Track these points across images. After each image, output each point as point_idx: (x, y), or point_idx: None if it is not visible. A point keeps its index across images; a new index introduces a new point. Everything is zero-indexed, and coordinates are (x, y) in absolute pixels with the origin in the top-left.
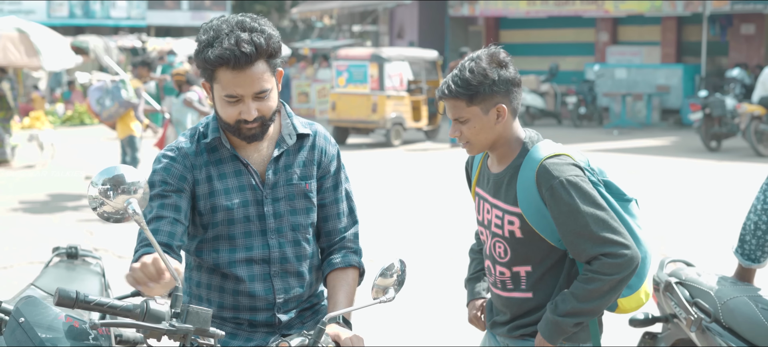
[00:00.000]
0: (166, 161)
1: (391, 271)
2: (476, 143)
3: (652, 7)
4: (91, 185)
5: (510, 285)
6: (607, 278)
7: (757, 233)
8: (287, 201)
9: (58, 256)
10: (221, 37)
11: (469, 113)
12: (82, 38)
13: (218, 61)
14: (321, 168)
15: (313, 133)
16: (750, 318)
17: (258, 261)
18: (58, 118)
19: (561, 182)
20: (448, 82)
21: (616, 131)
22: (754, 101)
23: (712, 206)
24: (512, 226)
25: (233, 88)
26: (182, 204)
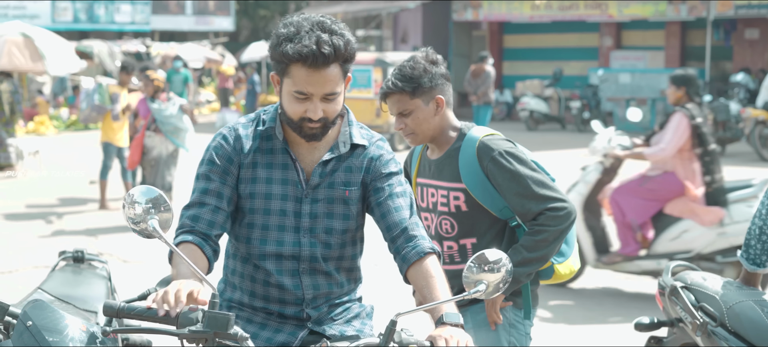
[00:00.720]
0: (218, 141)
1: (500, 265)
2: (420, 132)
3: (656, 12)
4: (127, 200)
5: (457, 258)
6: (551, 229)
7: (762, 237)
8: (326, 204)
9: (65, 260)
10: (301, 34)
11: (412, 105)
12: (86, 43)
13: (296, 57)
14: (371, 172)
15: (370, 144)
16: (755, 323)
17: (287, 257)
18: (62, 122)
19: (501, 153)
20: (391, 79)
21: None
22: (758, 106)
23: None
24: (458, 200)
25: (305, 85)
26: (225, 190)
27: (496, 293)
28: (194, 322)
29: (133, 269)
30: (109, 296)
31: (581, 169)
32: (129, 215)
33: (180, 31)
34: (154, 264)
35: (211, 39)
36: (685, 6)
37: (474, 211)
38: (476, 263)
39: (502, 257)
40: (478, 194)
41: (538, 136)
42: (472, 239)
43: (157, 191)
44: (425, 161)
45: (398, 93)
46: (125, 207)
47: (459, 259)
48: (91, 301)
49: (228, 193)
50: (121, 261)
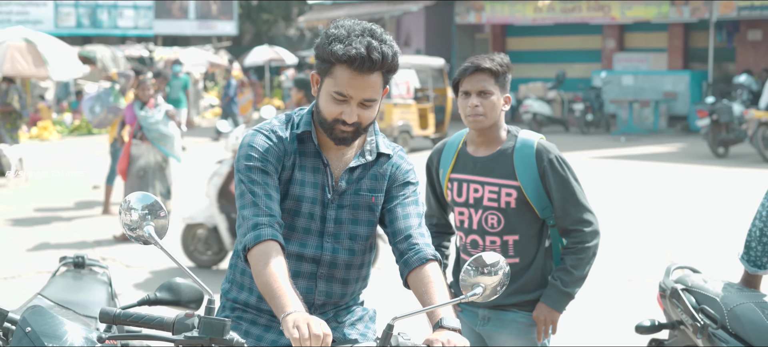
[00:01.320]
0: (264, 139)
1: (497, 268)
2: (489, 117)
3: (659, 14)
4: (123, 206)
5: (499, 253)
6: (589, 245)
7: (763, 239)
8: (351, 210)
9: (65, 265)
10: (352, 37)
11: (494, 89)
12: (89, 48)
13: (344, 58)
14: (391, 179)
15: (394, 154)
16: (756, 325)
17: (308, 260)
18: (65, 127)
19: (557, 157)
20: (482, 59)
21: (624, 138)
22: (761, 107)
23: (719, 212)
24: (509, 197)
25: (346, 87)
26: (277, 184)
27: (494, 296)
28: (190, 328)
29: (136, 274)
30: (109, 301)
31: (217, 162)
32: (125, 222)
33: (183, 35)
34: (156, 270)
35: (214, 43)
36: (688, 7)
37: (522, 208)
38: (474, 266)
39: (500, 260)
40: (530, 192)
41: None
42: (514, 236)
43: (154, 198)
44: (466, 158)
45: (487, 73)
46: (122, 213)
47: (501, 254)
48: (91, 307)
49: (279, 188)
50: (123, 266)
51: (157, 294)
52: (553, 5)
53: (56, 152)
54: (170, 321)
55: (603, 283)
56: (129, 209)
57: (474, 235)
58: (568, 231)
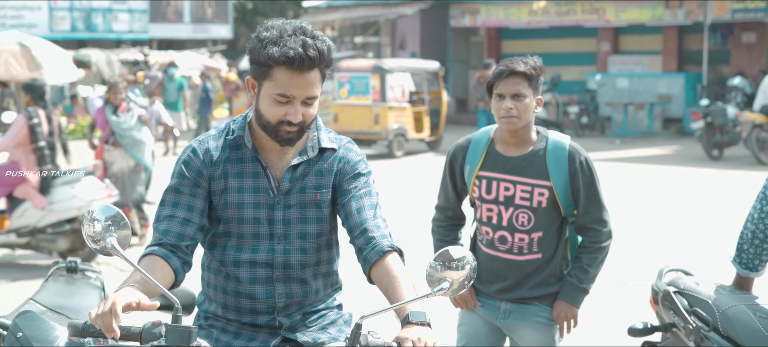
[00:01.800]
0: (188, 154)
1: (464, 262)
2: (523, 118)
3: (653, 17)
4: (85, 218)
5: (525, 250)
6: (604, 245)
7: (755, 242)
8: (298, 209)
9: (58, 270)
10: (285, 38)
11: (527, 92)
12: (84, 52)
13: (282, 60)
14: (340, 174)
15: (340, 147)
16: (748, 327)
17: (262, 264)
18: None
19: (587, 159)
20: (517, 63)
21: (619, 140)
22: (755, 110)
23: (714, 214)
24: (542, 197)
25: (288, 88)
26: (196, 202)
27: (462, 290)
28: (157, 337)
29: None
30: None
31: None
32: (88, 233)
33: (178, 39)
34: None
35: (209, 47)
36: (682, 10)
37: (550, 207)
38: (440, 260)
39: (466, 255)
40: (560, 192)
41: None
42: (539, 233)
43: (116, 209)
44: (496, 157)
45: (521, 76)
46: (84, 225)
47: (527, 250)
48: (84, 311)
49: (199, 205)
50: (117, 271)
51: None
52: (547, 8)
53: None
54: (138, 331)
55: (597, 285)
56: (92, 220)
57: (503, 231)
58: (586, 229)
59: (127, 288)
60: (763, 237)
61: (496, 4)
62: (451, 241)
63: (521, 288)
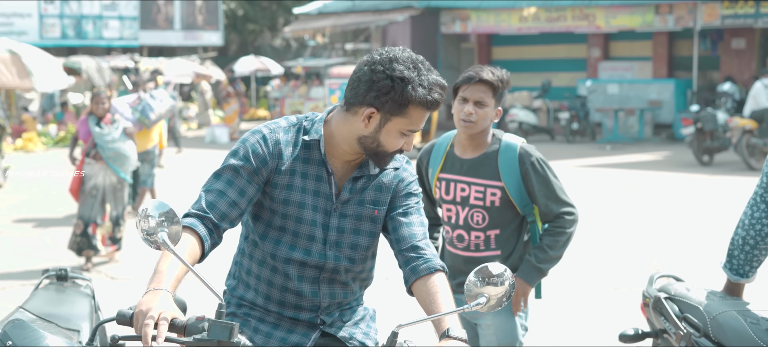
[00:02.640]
0: (257, 139)
1: (502, 279)
2: (480, 125)
3: (643, 23)
4: (141, 213)
5: (482, 246)
6: (567, 231)
7: (745, 248)
8: (354, 220)
9: (48, 278)
10: (429, 76)
11: (490, 100)
12: (74, 59)
13: (424, 102)
14: (394, 190)
15: (400, 167)
16: (739, 333)
17: (311, 266)
18: (50, 139)
19: (538, 159)
20: (485, 72)
21: (609, 146)
22: (745, 115)
23: (704, 220)
24: (494, 196)
25: (417, 124)
26: (249, 189)
27: (499, 306)
28: (200, 331)
29: (121, 286)
30: (92, 314)
31: None
32: (143, 228)
33: (169, 46)
34: (141, 282)
35: (200, 54)
36: (672, 16)
37: (504, 206)
38: (479, 276)
39: (505, 271)
40: (512, 192)
41: None
42: (496, 231)
43: (169, 206)
44: (454, 160)
45: (488, 85)
46: (140, 221)
47: (483, 247)
48: (74, 320)
49: (251, 193)
50: (108, 279)
51: (132, 309)
52: (538, 14)
53: (41, 164)
54: (182, 324)
55: (588, 291)
56: (147, 217)
57: (460, 230)
58: (551, 222)
59: (166, 301)
60: (753, 243)
61: (486, 10)
62: None
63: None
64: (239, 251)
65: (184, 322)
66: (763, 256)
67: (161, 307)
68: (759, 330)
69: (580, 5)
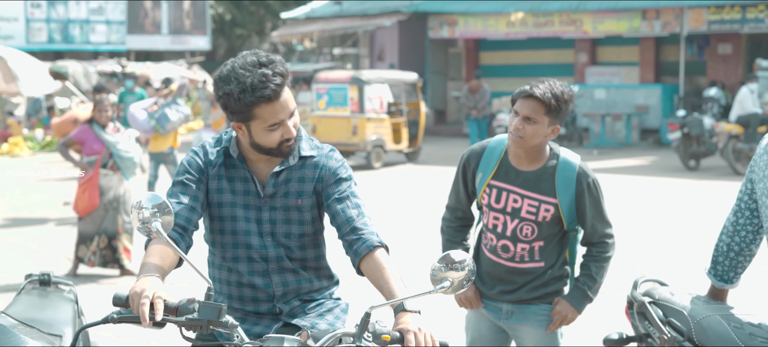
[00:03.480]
0: (192, 154)
1: (464, 265)
2: (529, 141)
3: (630, 28)
4: (134, 206)
5: (527, 258)
6: (609, 255)
7: (730, 254)
8: (283, 212)
9: (31, 283)
10: (247, 80)
11: (541, 118)
12: (61, 63)
13: (258, 101)
14: (322, 181)
15: (320, 155)
16: (722, 337)
17: (256, 259)
18: (37, 143)
19: (594, 180)
20: (541, 89)
21: (596, 151)
22: (731, 120)
23: (690, 225)
24: (547, 212)
25: (274, 117)
26: (199, 194)
27: (460, 289)
28: (191, 311)
29: (103, 291)
30: (75, 319)
31: None
32: (138, 218)
33: (156, 50)
34: (124, 287)
35: (188, 58)
36: (659, 22)
37: (553, 222)
38: (443, 262)
39: (466, 258)
40: (564, 209)
41: None
42: (540, 243)
43: (162, 199)
44: (509, 169)
45: (537, 101)
46: (134, 212)
47: (528, 258)
48: (56, 325)
49: (201, 197)
50: (92, 284)
51: (122, 312)
52: (525, 19)
53: (27, 168)
54: (174, 306)
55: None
56: (141, 208)
57: (506, 240)
58: (593, 244)
59: (158, 284)
60: (738, 250)
61: (474, 15)
62: (459, 243)
63: (522, 290)
64: (208, 263)
65: (176, 304)
66: (747, 262)
67: (155, 288)
68: (742, 335)
69: (568, 10)
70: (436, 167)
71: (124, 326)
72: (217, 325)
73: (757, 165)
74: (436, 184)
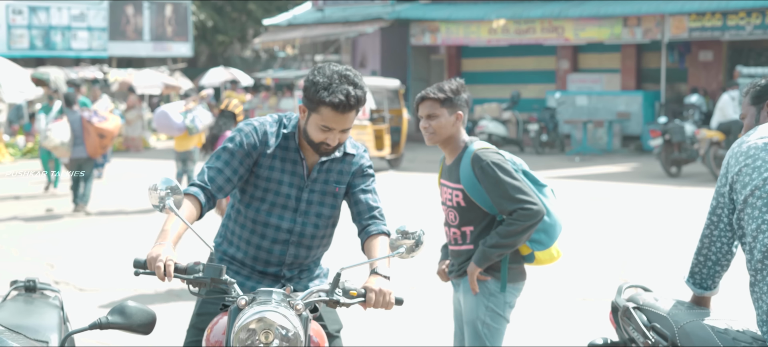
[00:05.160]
0: (250, 130)
1: (415, 236)
2: (439, 134)
3: (612, 35)
4: (150, 187)
5: (460, 241)
6: (520, 223)
7: (708, 263)
8: (320, 195)
9: (16, 290)
10: (334, 85)
11: (440, 111)
12: (42, 69)
13: (329, 104)
14: (353, 174)
15: (358, 154)
16: (706, 342)
17: (284, 230)
18: (18, 150)
19: (487, 163)
20: (427, 90)
21: (578, 158)
22: (712, 127)
23: (672, 231)
24: (458, 198)
25: (330, 123)
26: (241, 169)
27: (412, 253)
28: (198, 272)
29: (90, 297)
30: (61, 325)
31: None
32: (154, 196)
33: (138, 57)
34: (110, 293)
35: (169, 65)
36: (640, 29)
37: (469, 206)
38: (399, 233)
39: (417, 230)
40: (472, 193)
41: None
42: (470, 227)
43: (174, 181)
44: (444, 166)
45: (432, 100)
46: (150, 192)
47: (461, 241)
48: (42, 331)
49: (242, 172)
50: (76, 290)
51: (108, 318)
52: (507, 27)
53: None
54: (183, 267)
55: (557, 302)
56: (156, 189)
57: (447, 227)
58: (507, 217)
59: (170, 250)
60: (715, 260)
61: (456, 22)
62: (445, 250)
63: (461, 269)
64: (226, 216)
65: (185, 266)
66: (724, 270)
67: (167, 254)
68: (726, 340)
69: (549, 18)
70: (419, 173)
71: (110, 332)
72: (218, 282)
73: (742, 173)
74: (419, 190)
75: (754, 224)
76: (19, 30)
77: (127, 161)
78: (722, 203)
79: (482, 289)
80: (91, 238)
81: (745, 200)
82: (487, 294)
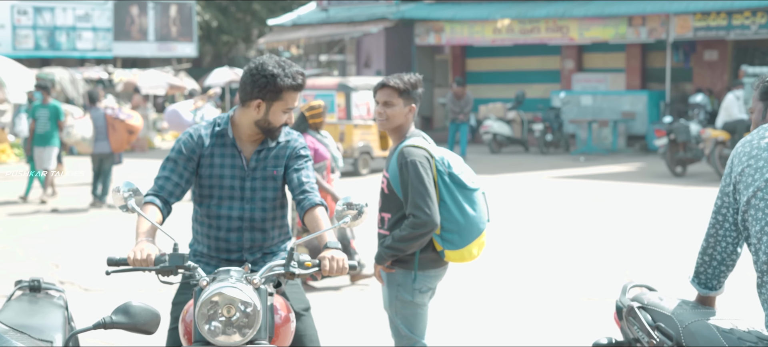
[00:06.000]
0: (186, 136)
1: (358, 207)
2: (391, 121)
3: (617, 35)
4: (114, 190)
5: (380, 225)
6: (409, 230)
7: (712, 263)
8: (261, 181)
9: (21, 289)
10: (286, 70)
11: (396, 101)
12: (47, 70)
13: (291, 87)
14: (289, 157)
15: (291, 139)
16: (711, 341)
17: (234, 218)
18: (23, 151)
19: (407, 161)
20: (393, 78)
21: (583, 158)
22: (717, 127)
23: (677, 230)
24: (383, 184)
25: (291, 103)
26: (186, 173)
27: (356, 222)
28: (164, 262)
29: (95, 297)
30: (65, 325)
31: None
32: (119, 198)
33: (142, 57)
34: (114, 293)
35: (174, 65)
36: (645, 29)
37: (390, 194)
38: (344, 205)
39: (360, 203)
40: (393, 184)
41: (501, 159)
42: (388, 214)
43: (135, 184)
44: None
45: (391, 89)
46: (112, 194)
47: (380, 226)
48: (47, 330)
49: (187, 175)
50: (82, 290)
51: (112, 318)
52: (512, 26)
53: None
54: (151, 258)
55: (562, 301)
56: (119, 191)
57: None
58: (405, 219)
59: (151, 246)
60: (720, 259)
61: (460, 22)
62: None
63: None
64: (192, 218)
65: (154, 258)
66: (730, 270)
67: (144, 245)
68: (731, 339)
69: (554, 17)
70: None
71: (114, 331)
72: (182, 269)
73: (745, 174)
74: None
75: (758, 225)
76: (24, 30)
77: (132, 161)
78: (727, 203)
79: (391, 280)
80: (95, 238)
81: (748, 201)
82: (395, 285)
